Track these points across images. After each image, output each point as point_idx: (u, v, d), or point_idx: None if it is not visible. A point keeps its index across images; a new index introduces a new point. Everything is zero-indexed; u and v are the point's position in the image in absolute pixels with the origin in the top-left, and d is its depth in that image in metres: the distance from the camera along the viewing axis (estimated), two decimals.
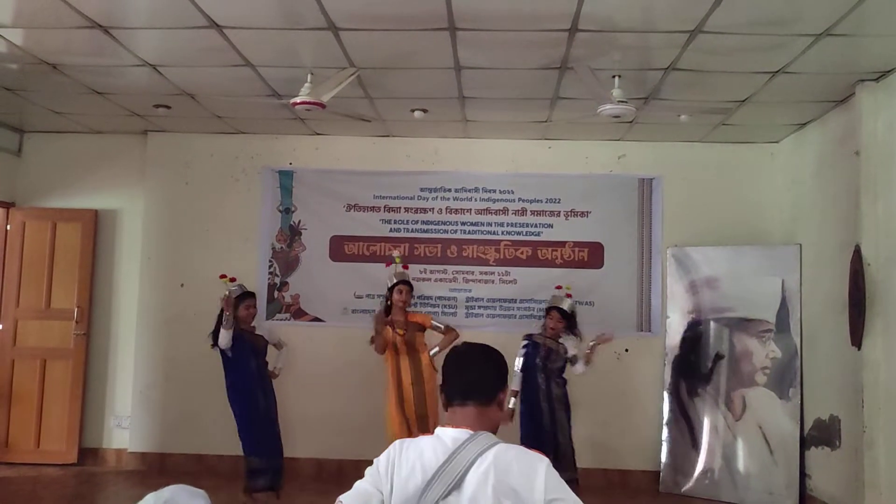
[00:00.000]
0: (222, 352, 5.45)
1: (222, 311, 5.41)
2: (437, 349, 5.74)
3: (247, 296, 5.63)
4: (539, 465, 1.90)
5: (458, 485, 1.87)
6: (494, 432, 2.02)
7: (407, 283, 5.76)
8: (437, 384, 5.61)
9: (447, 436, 1.98)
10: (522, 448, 1.97)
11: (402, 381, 5.63)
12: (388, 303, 5.73)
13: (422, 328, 5.72)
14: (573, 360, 5.64)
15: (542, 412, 5.59)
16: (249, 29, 4.33)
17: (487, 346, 2.16)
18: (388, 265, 6.09)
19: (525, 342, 5.71)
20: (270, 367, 5.74)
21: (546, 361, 5.61)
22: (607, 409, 6.56)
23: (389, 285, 5.76)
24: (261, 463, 5.44)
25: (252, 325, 5.66)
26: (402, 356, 5.66)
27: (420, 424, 5.58)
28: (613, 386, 6.58)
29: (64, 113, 6.36)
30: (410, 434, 5.50)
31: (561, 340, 5.67)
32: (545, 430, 5.55)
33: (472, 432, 1.97)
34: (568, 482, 5.24)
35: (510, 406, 5.58)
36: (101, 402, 6.84)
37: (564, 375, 5.68)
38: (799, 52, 4.43)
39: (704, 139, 6.59)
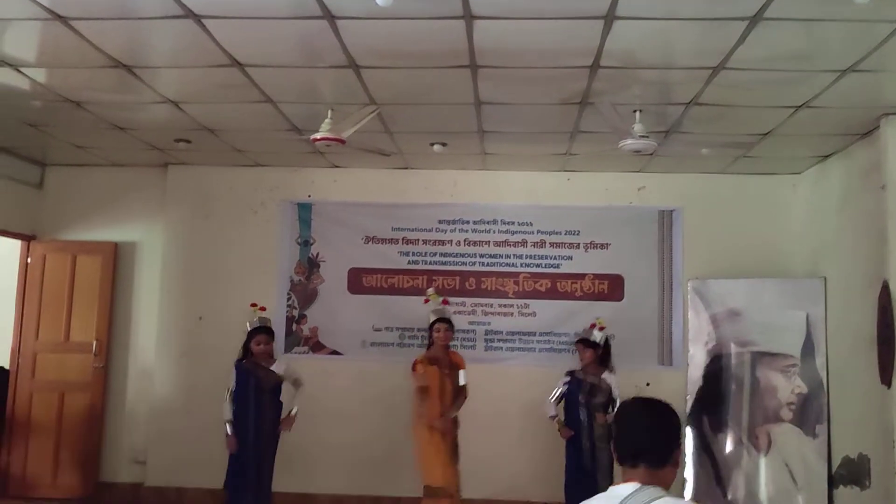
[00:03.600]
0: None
1: (245, 343, 5.50)
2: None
3: (259, 331, 5.53)
4: None
5: None
6: (666, 489, 1.98)
7: (446, 320, 5.71)
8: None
9: (614, 492, 1.96)
10: (690, 502, 1.97)
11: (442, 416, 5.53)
12: (430, 341, 5.72)
13: (458, 368, 5.67)
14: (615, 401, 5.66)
15: (582, 450, 5.54)
16: (271, 67, 4.35)
17: (657, 402, 2.09)
18: (425, 301, 6.00)
19: (566, 378, 5.78)
20: (285, 412, 5.58)
21: (589, 397, 5.59)
22: None
23: (430, 322, 5.73)
24: (231, 500, 5.42)
25: (272, 359, 5.60)
26: (446, 394, 5.54)
27: (453, 461, 5.52)
28: None
29: (85, 147, 6.41)
30: (446, 475, 5.42)
31: (604, 376, 5.67)
32: (585, 469, 5.53)
33: (639, 485, 1.94)
34: None
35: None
36: (118, 435, 6.81)
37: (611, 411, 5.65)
38: (823, 87, 4.39)
39: (725, 171, 6.54)
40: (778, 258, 6.48)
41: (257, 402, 5.44)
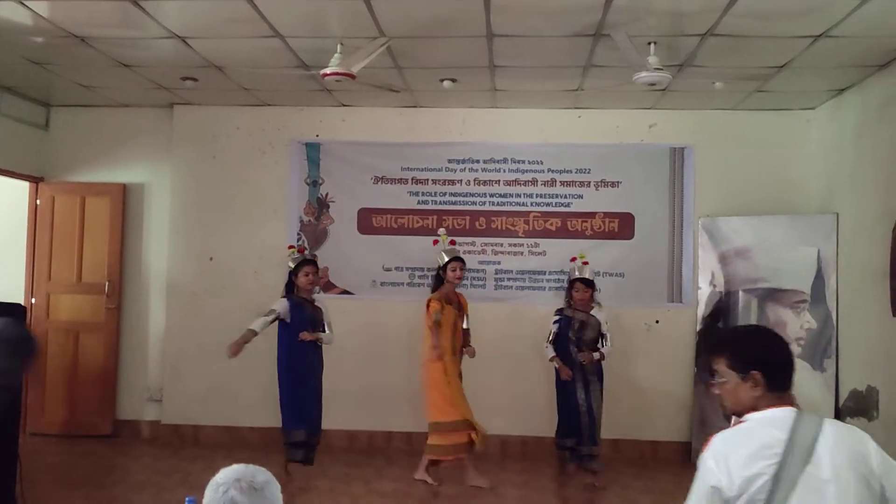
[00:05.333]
0: (281, 320, 5.41)
1: (290, 278, 5.51)
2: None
3: (306, 262, 5.54)
4: (866, 436, 2.04)
5: (808, 458, 1.94)
6: None
7: (461, 259, 5.72)
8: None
9: (776, 416, 2.05)
10: (840, 422, 2.11)
11: (453, 354, 5.64)
12: (439, 280, 5.70)
13: (464, 310, 5.76)
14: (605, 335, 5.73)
15: (574, 386, 5.63)
16: None
17: None
18: (434, 243, 5.99)
19: (557, 317, 5.82)
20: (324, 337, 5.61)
21: (579, 334, 5.64)
22: (638, 381, 6.53)
23: (441, 263, 5.68)
24: (301, 436, 5.39)
25: (312, 295, 5.62)
26: (458, 333, 5.67)
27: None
28: (644, 357, 6.55)
29: (91, 86, 6.33)
30: (453, 405, 5.49)
31: (593, 313, 5.69)
32: (579, 403, 5.64)
33: (794, 410, 2.06)
34: (590, 456, 5.38)
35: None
36: (134, 374, 6.91)
37: (599, 348, 5.71)
38: (844, 14, 4.29)
39: (738, 107, 6.46)
40: (791, 195, 6.44)
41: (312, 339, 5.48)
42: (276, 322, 5.44)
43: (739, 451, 1.98)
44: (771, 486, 1.91)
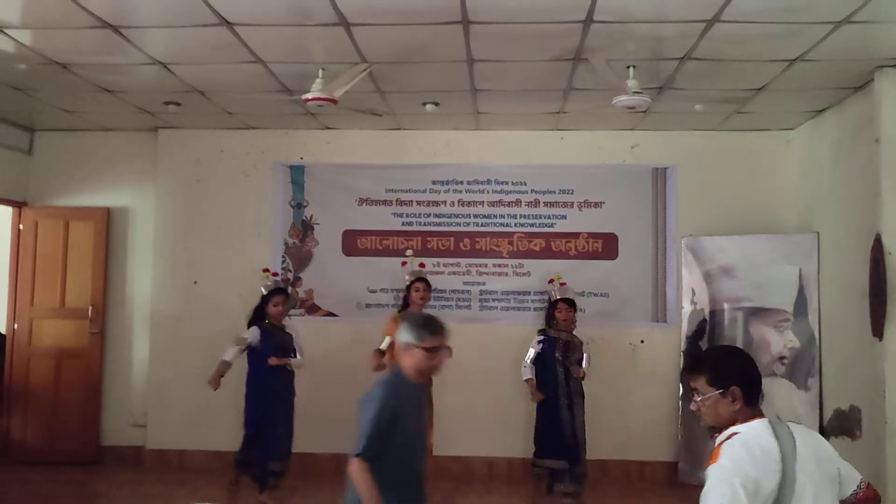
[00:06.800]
0: (252, 348, 5.52)
1: (259, 305, 5.60)
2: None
3: (276, 292, 5.65)
4: (819, 434, 2.35)
5: (795, 460, 2.15)
6: None
7: (424, 280, 5.76)
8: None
9: (760, 426, 2.22)
10: (793, 422, 2.29)
11: None
12: (406, 302, 5.75)
13: None
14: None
15: (559, 407, 5.62)
16: (260, 26, 4.29)
17: None
18: (403, 265, 6.05)
19: (540, 337, 5.78)
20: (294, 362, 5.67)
21: (565, 354, 5.64)
22: (623, 401, 6.53)
23: (406, 283, 5.78)
24: (249, 457, 5.47)
25: (282, 322, 5.69)
26: None
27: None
28: (629, 377, 6.55)
29: (74, 111, 6.34)
30: None
31: (575, 333, 5.71)
32: (564, 424, 5.60)
33: (766, 419, 2.25)
34: (580, 476, 5.41)
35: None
36: (117, 400, 6.85)
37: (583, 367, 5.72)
38: (818, 39, 4.36)
39: (718, 127, 6.52)
40: (771, 214, 6.49)
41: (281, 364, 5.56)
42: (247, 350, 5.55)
43: (749, 455, 2.13)
44: (778, 491, 2.10)
